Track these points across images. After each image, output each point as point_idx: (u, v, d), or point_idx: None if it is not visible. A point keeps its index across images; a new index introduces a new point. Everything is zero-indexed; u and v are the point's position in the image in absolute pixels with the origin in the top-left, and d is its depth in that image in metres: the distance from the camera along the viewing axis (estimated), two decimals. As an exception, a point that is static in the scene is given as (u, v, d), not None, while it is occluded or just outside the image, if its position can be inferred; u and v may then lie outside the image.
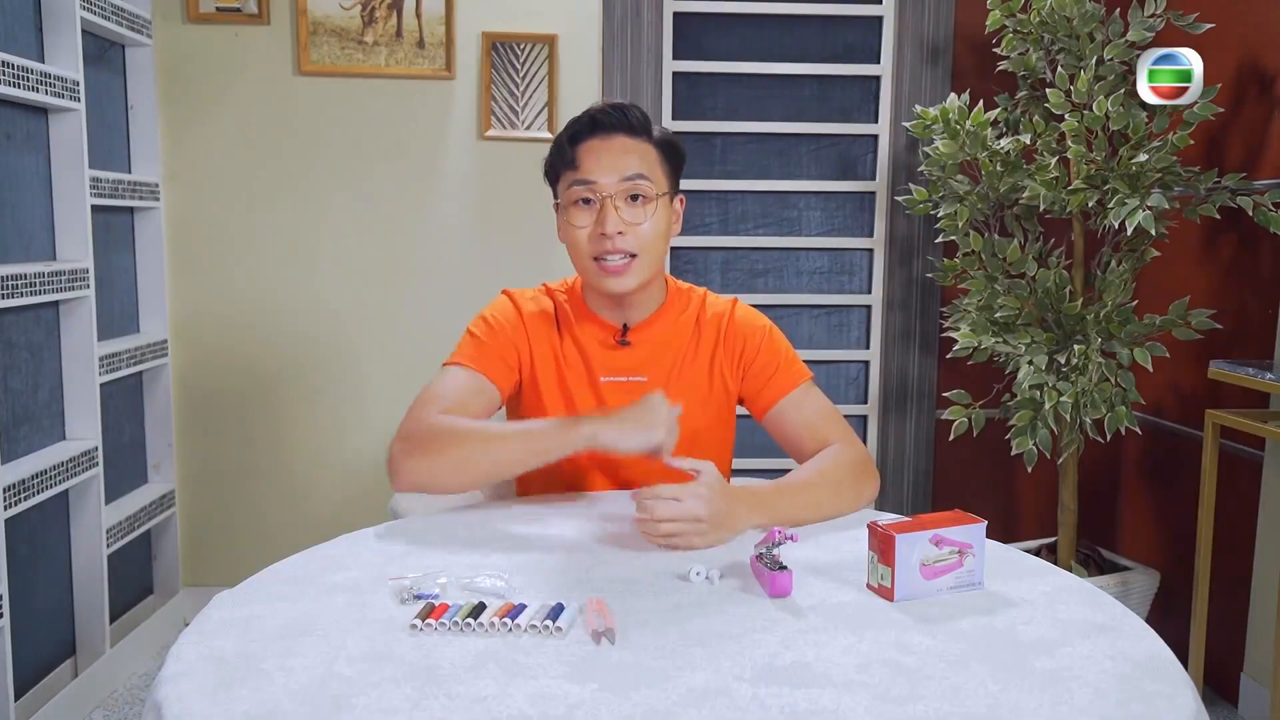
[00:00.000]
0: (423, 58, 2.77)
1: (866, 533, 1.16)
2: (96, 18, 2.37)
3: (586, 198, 1.46)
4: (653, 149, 1.48)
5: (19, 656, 2.12)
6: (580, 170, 1.45)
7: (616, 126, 1.46)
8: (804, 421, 1.52)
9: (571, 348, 1.54)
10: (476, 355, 1.50)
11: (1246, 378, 2.10)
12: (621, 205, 1.45)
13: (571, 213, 1.47)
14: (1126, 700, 0.90)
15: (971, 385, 2.66)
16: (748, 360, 1.56)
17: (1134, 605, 2.53)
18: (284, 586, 1.15)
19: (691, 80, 2.93)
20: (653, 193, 1.47)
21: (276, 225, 2.82)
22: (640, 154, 1.47)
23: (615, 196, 1.44)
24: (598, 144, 1.46)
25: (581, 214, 1.46)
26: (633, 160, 1.46)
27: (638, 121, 1.48)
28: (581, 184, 1.45)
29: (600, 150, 1.45)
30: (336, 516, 2.86)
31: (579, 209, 1.47)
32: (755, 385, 1.56)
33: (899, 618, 1.07)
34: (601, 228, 1.44)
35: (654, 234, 1.47)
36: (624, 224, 1.44)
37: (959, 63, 2.87)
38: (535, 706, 0.88)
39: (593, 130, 1.46)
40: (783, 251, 3.00)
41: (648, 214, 1.46)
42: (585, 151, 1.46)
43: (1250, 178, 2.33)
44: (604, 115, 1.46)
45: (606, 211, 1.44)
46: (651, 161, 1.48)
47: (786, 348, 1.58)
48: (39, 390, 2.26)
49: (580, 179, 1.45)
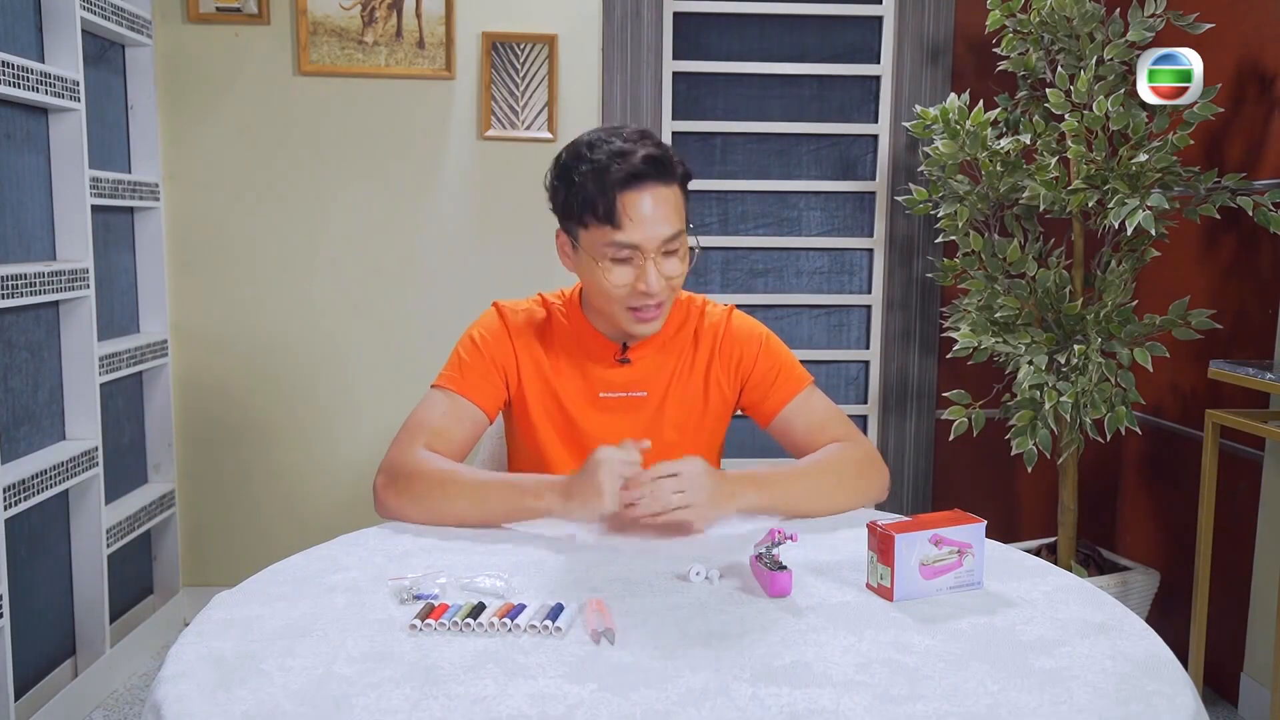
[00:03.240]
0: (423, 58, 2.77)
1: (866, 533, 1.16)
2: (96, 18, 2.37)
3: (626, 257, 1.41)
4: (679, 191, 1.45)
5: (19, 656, 2.12)
6: (621, 231, 1.39)
7: (653, 177, 1.40)
8: (810, 425, 1.53)
9: (567, 363, 1.54)
10: (461, 379, 1.50)
11: (1246, 378, 2.10)
12: (659, 260, 1.42)
13: (610, 270, 1.42)
14: (1126, 700, 0.90)
15: (971, 385, 2.66)
16: (745, 370, 1.56)
17: (1134, 605, 2.53)
18: (284, 587, 1.15)
19: (691, 80, 2.93)
20: (684, 241, 1.45)
21: (276, 225, 2.83)
22: (673, 204, 1.42)
23: (656, 254, 1.41)
24: (636, 197, 1.39)
25: (621, 271, 1.42)
26: (669, 213, 1.41)
27: (668, 165, 1.42)
28: (623, 246, 1.40)
29: (638, 205, 1.39)
30: (336, 517, 2.86)
31: (617, 266, 1.42)
32: (757, 395, 1.56)
33: (899, 617, 1.07)
34: (643, 285, 1.41)
35: (682, 271, 1.46)
36: (663, 280, 1.43)
37: (959, 63, 2.87)
38: (535, 706, 0.88)
39: (630, 183, 1.39)
40: (783, 251, 3.00)
41: (682, 264, 1.45)
42: (626, 207, 1.39)
43: (1250, 178, 2.33)
44: (640, 169, 1.39)
45: (648, 271, 1.41)
46: (680, 207, 1.44)
47: (785, 354, 1.58)
48: (39, 390, 2.26)
49: (622, 242, 1.40)
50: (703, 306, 1.60)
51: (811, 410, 1.54)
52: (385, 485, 1.41)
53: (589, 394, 1.53)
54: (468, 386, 1.50)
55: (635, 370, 1.54)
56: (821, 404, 1.56)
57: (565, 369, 1.53)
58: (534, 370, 1.53)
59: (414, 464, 1.40)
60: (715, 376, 1.56)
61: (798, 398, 1.54)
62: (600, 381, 1.53)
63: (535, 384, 1.53)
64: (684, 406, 1.54)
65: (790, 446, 1.56)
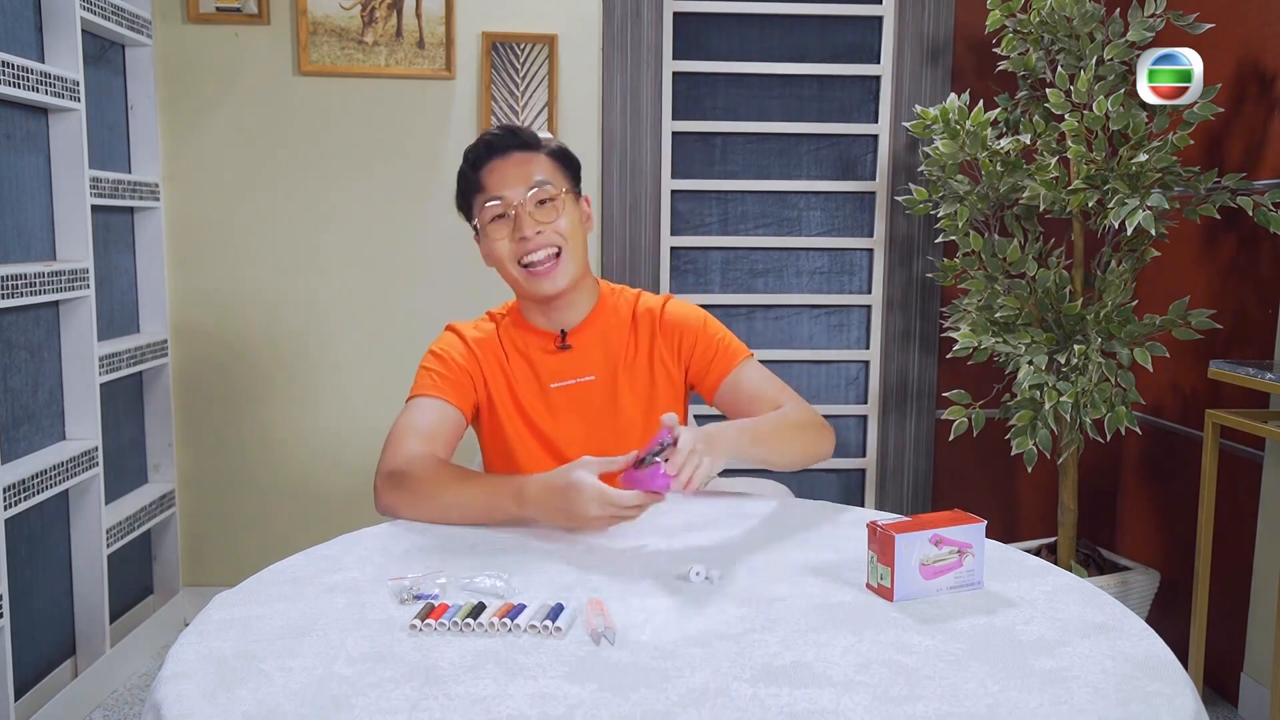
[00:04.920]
0: (423, 58, 2.77)
1: (866, 533, 1.16)
2: (96, 18, 2.37)
3: (500, 213, 1.55)
4: (547, 159, 1.59)
5: (19, 656, 2.13)
6: (488, 189, 1.56)
7: (510, 145, 1.57)
8: (752, 393, 1.62)
9: (519, 362, 1.62)
10: (436, 385, 1.57)
11: (1246, 378, 2.10)
12: (533, 210, 1.55)
13: (489, 230, 1.57)
14: (1126, 700, 0.90)
15: (971, 385, 2.66)
16: (687, 350, 1.65)
17: (1134, 605, 2.53)
18: (284, 587, 1.15)
19: (691, 80, 2.93)
20: (557, 193, 1.57)
21: (276, 225, 2.83)
22: (537, 164, 1.57)
23: (525, 204, 1.54)
24: (497, 164, 1.57)
25: (499, 228, 1.56)
26: (532, 170, 1.56)
27: (529, 138, 1.59)
28: (493, 200, 1.55)
29: (501, 168, 1.56)
30: (337, 516, 2.85)
31: (495, 225, 1.56)
32: (699, 371, 1.65)
33: (899, 618, 1.07)
34: (520, 232, 1.54)
35: (570, 227, 1.57)
36: (539, 224, 1.55)
37: (959, 63, 2.87)
38: (535, 707, 0.88)
39: (490, 154, 1.57)
40: (783, 251, 3.00)
41: (559, 211, 1.56)
42: (488, 173, 1.57)
43: (1250, 178, 2.33)
44: (496, 138, 1.58)
45: (520, 218, 1.54)
46: (549, 169, 1.58)
47: (723, 332, 1.67)
48: (39, 390, 2.26)
49: (491, 196, 1.56)
50: (636, 295, 1.70)
51: (751, 379, 1.63)
52: (383, 483, 1.45)
53: (541, 387, 1.61)
54: (445, 391, 1.57)
55: (577, 355, 1.62)
56: (760, 373, 1.65)
57: (518, 368, 1.62)
58: (496, 372, 1.62)
59: (408, 463, 1.44)
60: (660, 356, 1.64)
61: (738, 368, 1.63)
62: (548, 372, 1.61)
63: (500, 388, 1.61)
64: (635, 387, 1.63)
65: (735, 415, 1.61)
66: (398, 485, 1.43)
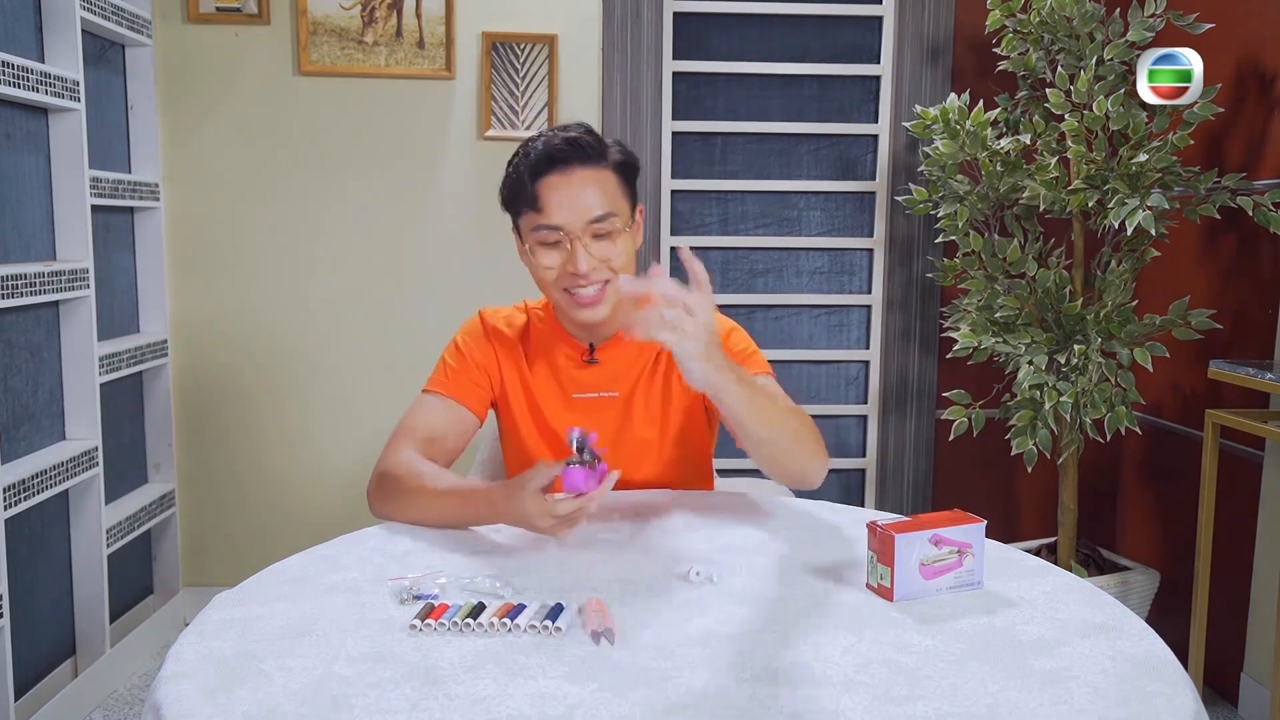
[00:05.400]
0: (423, 58, 2.77)
1: (866, 533, 1.16)
2: (96, 18, 2.36)
3: (554, 241, 1.43)
4: (611, 174, 1.45)
5: (19, 656, 2.13)
6: (544, 214, 1.42)
7: (573, 159, 1.42)
8: None
9: (542, 366, 1.57)
10: (448, 381, 1.54)
11: (1246, 378, 2.10)
12: (589, 242, 1.42)
13: (538, 253, 1.45)
14: (1126, 700, 0.90)
15: (971, 385, 2.66)
16: None
17: (1134, 605, 2.53)
18: (284, 587, 1.15)
19: (691, 80, 2.93)
20: (619, 225, 1.45)
21: (276, 225, 2.82)
22: (600, 185, 1.43)
23: (583, 236, 1.42)
24: (557, 180, 1.42)
25: (549, 254, 1.44)
26: (594, 196, 1.42)
27: (592, 149, 1.44)
28: (547, 229, 1.42)
29: (561, 187, 1.41)
30: (336, 517, 2.86)
31: (546, 250, 1.44)
32: None
33: (899, 618, 1.07)
34: (572, 267, 1.42)
35: (623, 259, 1.46)
36: (594, 261, 1.42)
37: (959, 63, 2.87)
38: (535, 707, 0.88)
39: (550, 166, 1.42)
40: (783, 251, 2.99)
41: (617, 247, 1.44)
42: (546, 189, 1.42)
43: (1250, 178, 2.33)
44: (558, 151, 1.42)
45: (576, 253, 1.41)
46: (612, 190, 1.45)
47: (746, 345, 1.58)
48: (39, 390, 2.26)
49: (545, 224, 1.42)
50: None
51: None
52: (375, 487, 1.44)
53: (563, 395, 1.56)
54: (455, 388, 1.54)
55: (605, 371, 1.56)
56: (775, 391, 1.51)
57: (541, 370, 1.57)
58: (513, 372, 1.57)
59: (394, 466, 1.43)
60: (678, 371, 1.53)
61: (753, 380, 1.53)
62: (572, 383, 1.56)
63: (515, 385, 1.57)
64: (649, 404, 1.56)
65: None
66: (382, 489, 1.42)
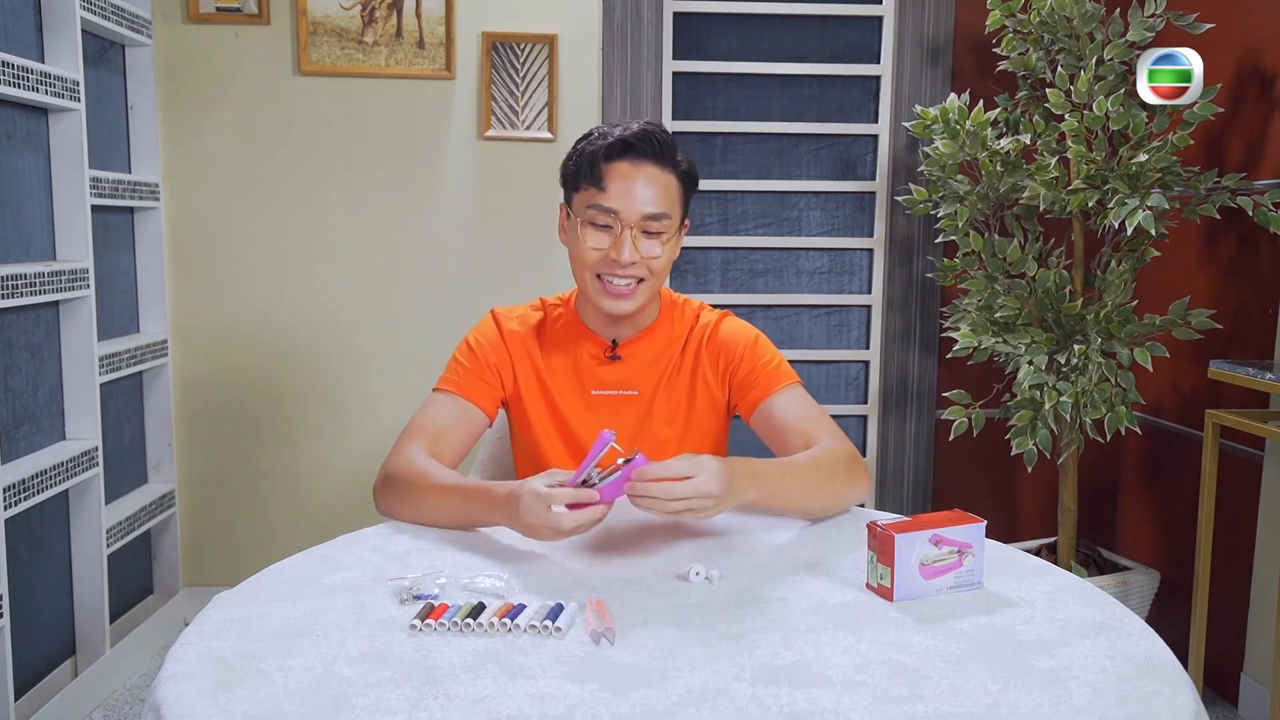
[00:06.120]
0: (423, 58, 2.77)
1: (866, 533, 1.16)
2: (96, 18, 2.36)
3: (606, 224, 1.46)
4: (675, 181, 1.49)
5: (19, 656, 2.13)
6: (606, 195, 1.45)
7: (646, 154, 1.46)
8: (789, 422, 1.51)
9: (562, 362, 1.57)
10: (459, 381, 1.54)
11: (1246, 378, 2.10)
12: (638, 236, 1.46)
13: (587, 231, 1.47)
14: (1126, 700, 0.90)
15: (971, 385, 2.66)
16: (732, 370, 1.58)
17: (1134, 605, 2.53)
18: (284, 587, 1.15)
19: (691, 80, 2.93)
20: (670, 228, 1.49)
21: (276, 225, 2.83)
22: (663, 185, 1.47)
23: (634, 228, 1.45)
24: (627, 168, 1.46)
25: (598, 236, 1.47)
26: (656, 193, 1.46)
27: (666, 150, 1.48)
28: (603, 210, 1.46)
29: (629, 176, 1.45)
30: (336, 517, 2.86)
31: (595, 230, 1.47)
32: (741, 392, 1.57)
33: (898, 618, 1.07)
34: (616, 254, 1.45)
35: (663, 262, 1.49)
36: (638, 255, 1.46)
37: (959, 63, 2.87)
38: (534, 707, 0.88)
39: (624, 153, 1.46)
40: (783, 251, 3.00)
41: (662, 247, 1.48)
42: (613, 174, 1.46)
43: (1250, 178, 2.33)
44: (639, 141, 1.46)
45: (623, 240, 1.45)
46: (673, 195, 1.49)
47: (772, 354, 1.59)
48: (39, 390, 2.26)
49: (603, 205, 1.46)
50: (697, 311, 1.63)
51: (786, 409, 1.52)
52: (381, 486, 1.45)
53: (581, 392, 1.56)
54: (466, 388, 1.54)
55: (626, 368, 1.56)
56: (804, 402, 1.54)
57: (559, 367, 1.57)
58: (528, 370, 1.57)
59: (400, 465, 1.43)
60: (703, 376, 1.58)
61: (779, 394, 1.53)
62: (592, 379, 1.56)
63: (530, 383, 1.57)
64: (671, 404, 1.57)
65: (770, 442, 1.55)
66: (388, 487, 1.43)
